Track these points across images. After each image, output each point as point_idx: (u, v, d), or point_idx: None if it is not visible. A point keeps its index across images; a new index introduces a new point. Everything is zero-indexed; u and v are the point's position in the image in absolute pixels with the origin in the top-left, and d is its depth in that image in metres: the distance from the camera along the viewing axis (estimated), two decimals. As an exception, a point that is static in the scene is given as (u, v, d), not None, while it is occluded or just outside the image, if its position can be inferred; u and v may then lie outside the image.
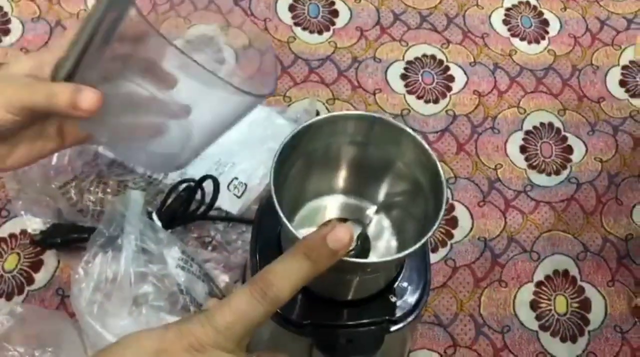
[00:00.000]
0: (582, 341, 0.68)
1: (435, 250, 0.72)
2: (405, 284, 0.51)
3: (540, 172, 0.79)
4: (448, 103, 0.83)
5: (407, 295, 0.51)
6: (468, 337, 0.68)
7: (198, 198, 0.68)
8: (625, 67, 0.88)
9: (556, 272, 0.72)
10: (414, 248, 0.43)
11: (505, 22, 0.91)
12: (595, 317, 0.69)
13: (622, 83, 0.86)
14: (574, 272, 0.72)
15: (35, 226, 0.67)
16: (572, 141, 0.81)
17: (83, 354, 0.57)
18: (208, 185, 0.67)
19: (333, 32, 0.88)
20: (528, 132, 0.82)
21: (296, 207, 0.53)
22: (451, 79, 0.85)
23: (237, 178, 0.71)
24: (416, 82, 0.84)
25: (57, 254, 0.68)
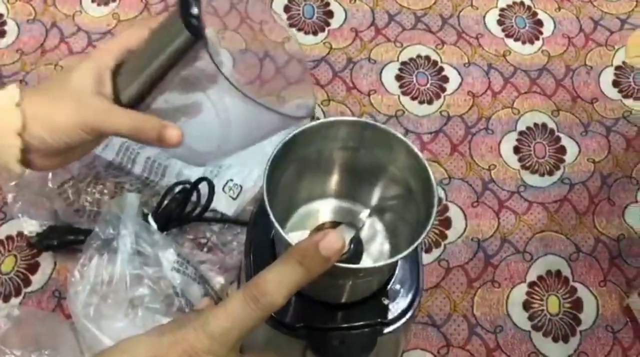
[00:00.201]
0: (574, 341, 0.69)
1: (429, 251, 0.73)
2: (397, 287, 0.52)
3: (533, 172, 0.79)
4: (442, 104, 0.83)
5: (400, 297, 0.52)
6: (461, 337, 0.68)
7: (193, 200, 0.68)
8: (618, 67, 0.88)
9: (549, 272, 0.72)
10: (405, 253, 0.44)
11: (499, 22, 0.91)
12: (587, 317, 0.70)
13: (615, 83, 0.87)
14: (567, 272, 0.73)
15: (31, 228, 0.68)
16: (566, 142, 0.82)
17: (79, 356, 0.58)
18: (203, 186, 0.68)
19: (328, 33, 0.88)
20: (522, 132, 0.82)
21: (289, 210, 0.53)
22: (445, 80, 0.85)
23: (232, 180, 0.72)
24: (411, 83, 0.85)
25: (54, 256, 0.69)
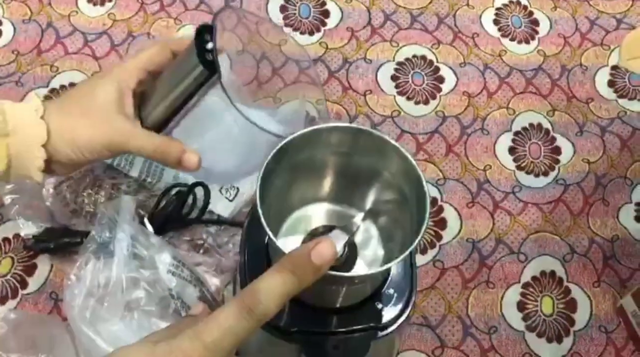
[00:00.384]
0: (568, 342, 0.69)
1: (424, 252, 0.73)
2: (391, 291, 0.52)
3: (528, 173, 0.79)
4: (438, 104, 0.83)
5: (394, 301, 0.52)
6: (456, 338, 0.69)
7: (190, 202, 0.69)
8: (614, 67, 0.88)
9: (543, 273, 0.73)
10: (397, 261, 0.44)
11: (495, 22, 0.91)
12: (580, 317, 0.71)
13: (611, 83, 0.87)
14: (561, 273, 0.73)
15: (28, 230, 0.68)
16: (561, 142, 0.82)
17: (76, 359, 0.58)
18: (200, 189, 0.68)
19: (324, 32, 0.88)
20: (517, 133, 0.82)
21: (284, 215, 0.54)
22: (441, 80, 0.85)
23: (229, 181, 0.72)
24: (406, 83, 0.85)
25: (51, 258, 0.69)
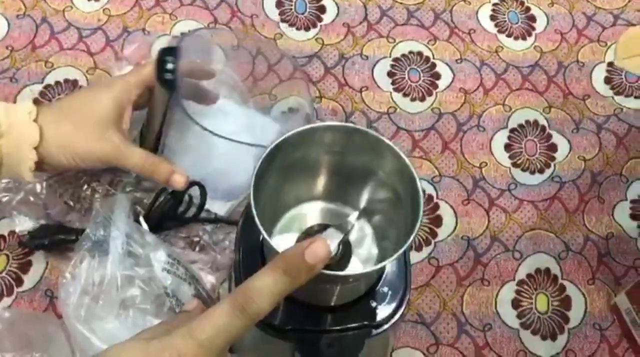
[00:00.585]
0: (562, 339, 0.69)
1: (419, 249, 0.73)
2: (385, 289, 0.52)
3: (524, 170, 0.79)
4: (434, 101, 0.83)
5: (388, 299, 0.52)
6: (450, 335, 0.69)
7: (185, 200, 0.68)
8: (610, 64, 0.88)
9: (538, 270, 0.73)
10: (391, 259, 0.44)
11: (492, 17, 0.91)
12: (575, 315, 0.71)
13: (607, 80, 0.87)
14: (556, 270, 0.73)
15: (23, 227, 0.68)
16: (557, 139, 0.82)
17: (71, 358, 0.58)
18: (196, 188, 0.68)
19: (320, 28, 0.88)
20: (513, 130, 0.82)
21: (278, 213, 0.54)
22: (437, 77, 0.85)
23: (224, 179, 0.72)
24: (403, 79, 0.85)
25: (46, 255, 0.69)
